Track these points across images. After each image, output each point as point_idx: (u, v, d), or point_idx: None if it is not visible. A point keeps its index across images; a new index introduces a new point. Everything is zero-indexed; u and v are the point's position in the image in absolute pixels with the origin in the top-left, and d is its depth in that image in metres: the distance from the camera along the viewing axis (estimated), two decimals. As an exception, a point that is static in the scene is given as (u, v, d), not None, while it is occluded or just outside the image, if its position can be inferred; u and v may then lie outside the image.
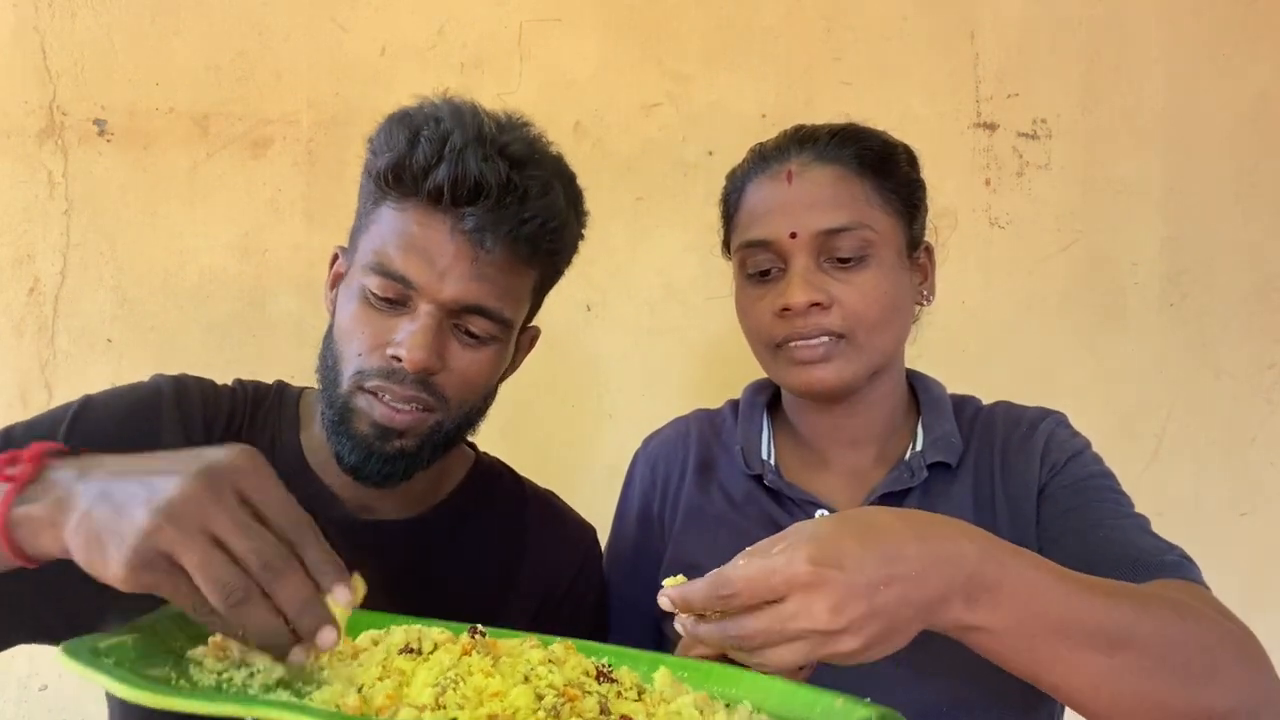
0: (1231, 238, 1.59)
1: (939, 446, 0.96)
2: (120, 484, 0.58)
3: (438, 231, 0.84)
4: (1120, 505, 0.90)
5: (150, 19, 1.49)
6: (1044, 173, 1.58)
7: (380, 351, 0.84)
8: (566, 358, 1.53)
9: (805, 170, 0.93)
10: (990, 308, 1.56)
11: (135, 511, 0.56)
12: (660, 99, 1.55)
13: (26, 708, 1.43)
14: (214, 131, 1.50)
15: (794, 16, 1.56)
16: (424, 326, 0.83)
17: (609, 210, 1.53)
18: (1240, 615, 0.74)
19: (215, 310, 1.49)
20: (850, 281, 0.91)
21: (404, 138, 0.84)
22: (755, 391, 1.07)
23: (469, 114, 0.86)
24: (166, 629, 0.68)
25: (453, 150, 0.82)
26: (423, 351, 0.82)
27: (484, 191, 0.83)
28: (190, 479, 0.57)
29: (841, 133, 0.95)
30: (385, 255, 0.84)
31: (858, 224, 0.91)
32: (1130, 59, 1.59)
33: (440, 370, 0.85)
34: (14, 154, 1.46)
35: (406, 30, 1.52)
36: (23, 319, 1.47)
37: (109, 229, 1.48)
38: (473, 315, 0.86)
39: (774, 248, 0.92)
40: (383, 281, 0.84)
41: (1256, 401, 1.59)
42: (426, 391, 0.85)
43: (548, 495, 1.08)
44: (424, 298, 0.84)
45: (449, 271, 0.83)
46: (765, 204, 0.94)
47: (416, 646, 0.63)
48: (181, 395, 0.90)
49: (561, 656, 0.66)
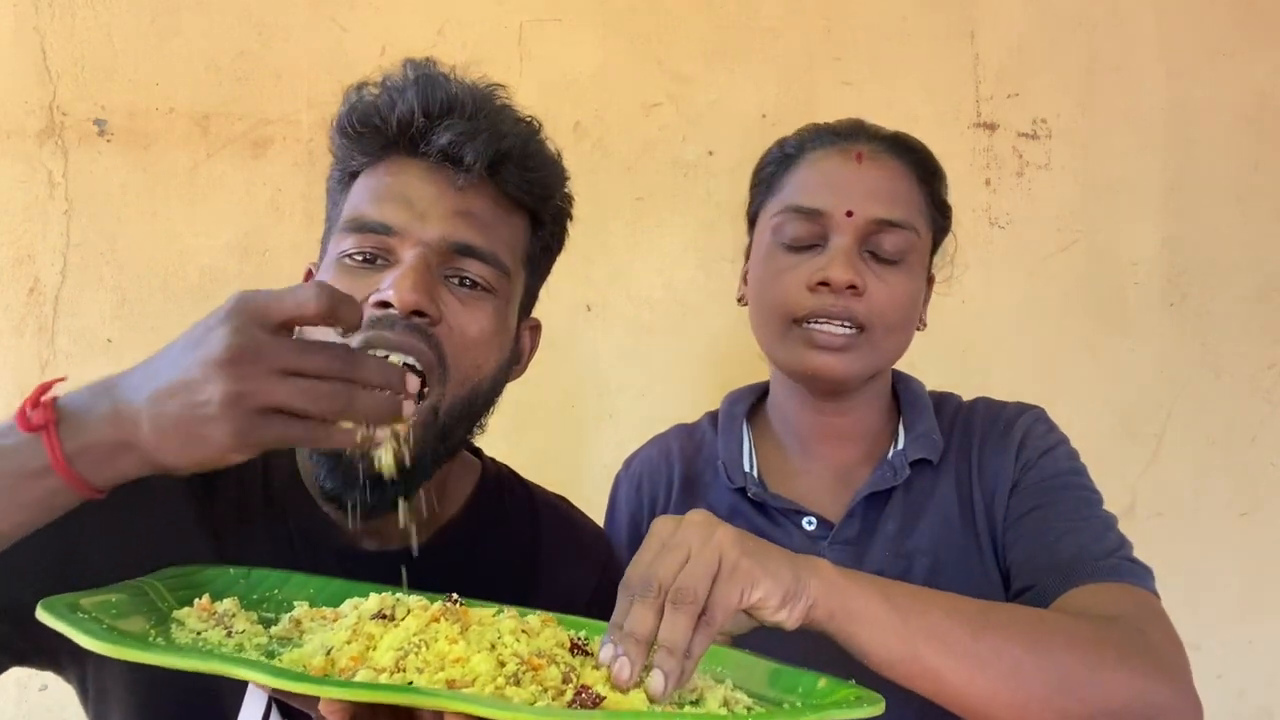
0: (1231, 238, 1.59)
1: (921, 444, 0.96)
2: (163, 374, 0.59)
3: (413, 174, 0.79)
4: (1083, 505, 0.90)
5: (150, 19, 1.49)
6: (1044, 173, 1.58)
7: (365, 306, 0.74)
8: (566, 358, 1.53)
9: (875, 156, 0.93)
10: (990, 308, 1.56)
11: (204, 386, 0.56)
12: (660, 99, 1.55)
13: (26, 708, 1.43)
14: (214, 131, 1.50)
15: (794, 16, 1.56)
16: (411, 265, 0.75)
17: (609, 210, 1.53)
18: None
19: (215, 310, 1.49)
20: (884, 278, 0.91)
21: (365, 94, 0.82)
22: (733, 403, 1.07)
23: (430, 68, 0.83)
24: (156, 590, 0.69)
25: (419, 78, 0.80)
26: (413, 290, 0.73)
27: (457, 105, 0.79)
28: (227, 336, 0.58)
29: (905, 138, 0.97)
30: (359, 211, 0.79)
31: (910, 224, 0.92)
32: (1130, 59, 1.59)
33: (438, 318, 0.76)
34: (14, 154, 1.46)
35: (406, 30, 1.52)
36: (23, 319, 1.47)
37: (109, 229, 1.48)
38: (463, 258, 0.78)
39: (824, 219, 0.91)
40: (359, 237, 0.77)
41: (1256, 401, 1.59)
42: (424, 341, 0.75)
43: (559, 503, 1.01)
44: (407, 242, 0.77)
45: (430, 209, 0.78)
46: (828, 175, 0.94)
47: (390, 613, 0.63)
48: None
49: (536, 628, 0.65)
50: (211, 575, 0.75)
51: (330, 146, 0.85)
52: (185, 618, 0.66)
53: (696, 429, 1.09)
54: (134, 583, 0.69)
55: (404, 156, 0.80)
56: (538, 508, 0.98)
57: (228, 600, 0.70)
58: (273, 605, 0.74)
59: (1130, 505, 1.57)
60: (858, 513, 0.95)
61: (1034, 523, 0.89)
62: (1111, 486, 0.94)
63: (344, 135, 0.82)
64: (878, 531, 0.94)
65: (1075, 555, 0.83)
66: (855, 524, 0.95)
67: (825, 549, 0.93)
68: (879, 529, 0.94)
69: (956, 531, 0.93)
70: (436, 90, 0.79)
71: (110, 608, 0.62)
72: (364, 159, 0.82)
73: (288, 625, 0.68)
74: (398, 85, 0.81)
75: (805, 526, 0.95)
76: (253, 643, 0.65)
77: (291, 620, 0.68)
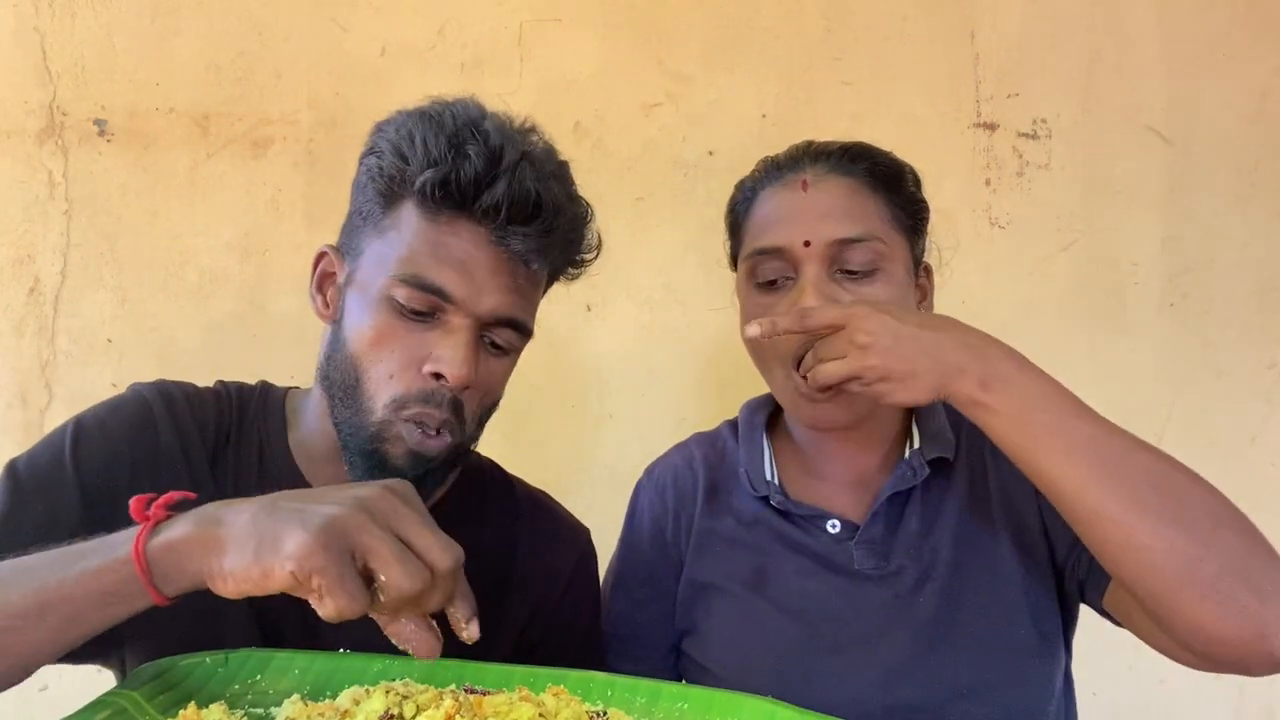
0: (1231, 238, 1.59)
1: (937, 442, 0.97)
2: (281, 503, 0.60)
3: (476, 245, 0.81)
4: None
5: (150, 19, 1.49)
6: (1044, 173, 1.58)
7: (415, 369, 0.81)
8: (566, 358, 1.53)
9: (820, 180, 0.93)
10: (990, 308, 1.56)
11: (317, 507, 0.58)
12: (660, 99, 1.55)
13: (27, 709, 1.43)
14: (214, 131, 1.50)
15: (794, 16, 1.56)
16: (466, 341, 0.81)
17: (609, 210, 1.52)
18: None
19: (215, 310, 1.49)
20: (859, 293, 0.90)
21: (444, 146, 0.80)
22: (752, 411, 1.07)
23: (508, 125, 0.84)
24: (136, 704, 0.66)
25: (509, 167, 0.80)
26: (467, 367, 0.80)
27: (539, 213, 0.81)
28: (355, 503, 0.59)
29: (853, 149, 0.96)
30: (418, 265, 0.80)
31: (871, 236, 0.91)
32: (1130, 59, 1.59)
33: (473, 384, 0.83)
34: (14, 154, 1.46)
35: (406, 30, 1.52)
36: (23, 319, 1.47)
37: (109, 229, 1.48)
38: (502, 328, 0.84)
39: (786, 255, 0.92)
40: (414, 293, 0.80)
41: (1256, 401, 1.59)
42: (455, 414, 0.82)
43: (539, 495, 1.06)
44: (460, 311, 0.81)
45: (486, 285, 0.81)
46: (778, 211, 0.94)
47: (397, 712, 0.61)
48: (169, 402, 0.87)
49: (554, 708, 0.64)
50: (187, 668, 0.72)
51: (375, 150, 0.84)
52: None
53: (717, 437, 1.09)
54: (111, 698, 0.66)
55: (468, 220, 0.81)
56: (518, 498, 1.02)
57: (215, 707, 0.66)
58: (258, 696, 0.71)
59: (1130, 505, 1.57)
60: (881, 513, 0.96)
61: None
62: (1111, 486, 0.94)
63: (420, 195, 0.80)
64: (901, 530, 0.95)
65: None
66: (879, 524, 0.96)
67: (852, 549, 0.95)
68: (902, 527, 0.95)
69: (974, 526, 0.94)
70: (525, 189, 0.80)
71: None
72: (428, 206, 0.81)
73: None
74: (486, 163, 0.80)
75: (830, 529, 0.97)
76: None
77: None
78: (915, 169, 1.00)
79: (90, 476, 0.81)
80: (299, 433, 0.91)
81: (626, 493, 1.10)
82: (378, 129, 0.87)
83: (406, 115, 0.85)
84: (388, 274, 0.81)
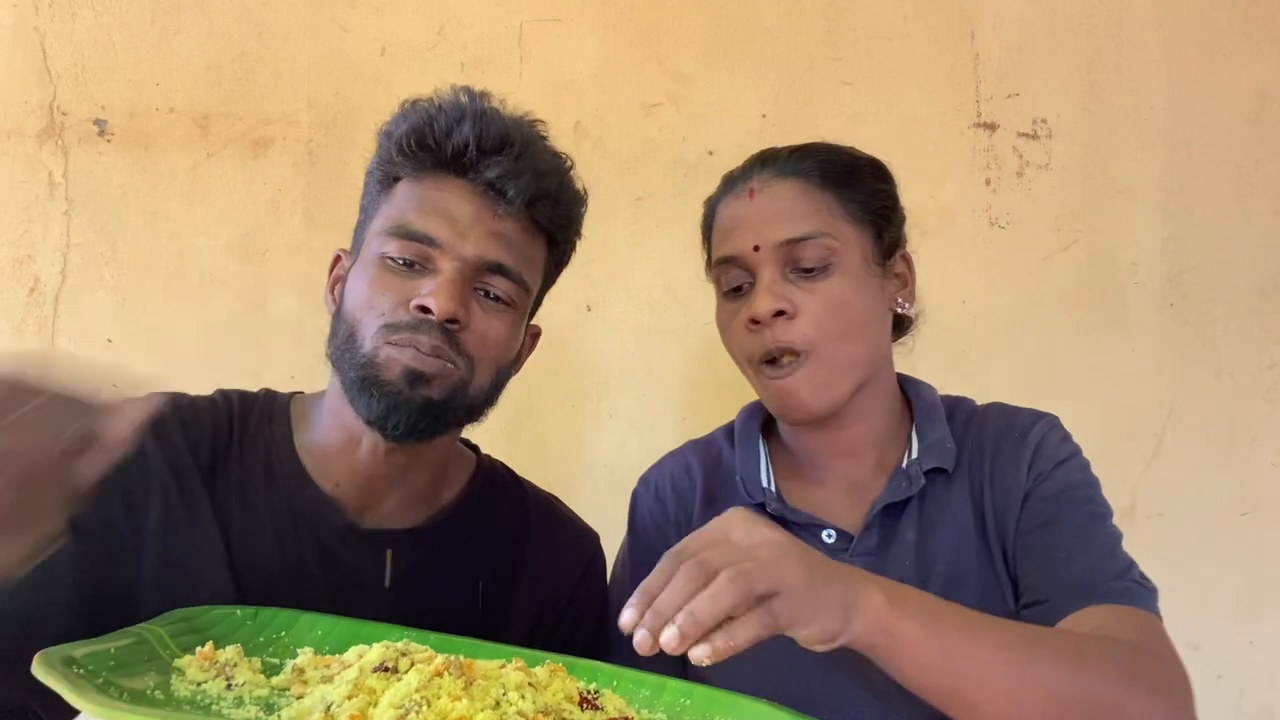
0: (1231, 238, 1.59)
1: (934, 453, 0.96)
2: None
3: (457, 193, 0.87)
4: (1093, 521, 0.91)
5: (150, 19, 1.49)
6: (1044, 173, 1.58)
7: (405, 307, 0.85)
8: (566, 358, 1.53)
9: (766, 186, 0.96)
10: (990, 308, 1.56)
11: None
12: (660, 99, 1.55)
13: (26, 708, 1.43)
14: (214, 131, 1.50)
15: (794, 16, 1.56)
16: (450, 278, 0.85)
17: (609, 210, 1.53)
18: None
19: (215, 310, 1.49)
20: (813, 290, 0.92)
21: (422, 110, 0.89)
22: (748, 417, 1.07)
23: (486, 98, 0.91)
24: (159, 637, 0.68)
25: (475, 111, 0.88)
26: (451, 300, 0.84)
27: (507, 143, 0.87)
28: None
29: (803, 150, 0.98)
30: (404, 219, 0.87)
31: (819, 233, 0.92)
32: (1130, 59, 1.59)
33: (465, 325, 0.86)
34: (14, 154, 1.46)
35: (406, 30, 1.52)
36: (23, 319, 1.47)
37: (109, 229, 1.48)
38: (494, 275, 0.88)
39: (740, 262, 0.95)
40: (403, 244, 0.86)
41: (1256, 401, 1.59)
42: (452, 345, 0.85)
43: (549, 499, 1.07)
44: (447, 255, 0.86)
45: (470, 229, 0.86)
46: (730, 221, 0.97)
47: (393, 665, 0.62)
48: (157, 423, 0.87)
49: (544, 680, 0.65)
50: (217, 616, 0.75)
51: (378, 148, 0.92)
52: (186, 667, 0.65)
53: (713, 444, 1.09)
54: (136, 629, 0.68)
55: (450, 176, 0.88)
56: (528, 501, 1.04)
57: (230, 648, 0.68)
58: (279, 649, 0.73)
59: (1130, 505, 1.57)
60: (875, 524, 0.95)
61: (1045, 537, 0.89)
62: (1111, 486, 0.94)
63: (398, 149, 0.89)
64: (896, 542, 0.94)
65: (1087, 574, 0.84)
66: (874, 535, 0.95)
67: (846, 560, 0.93)
68: (897, 539, 0.94)
69: (971, 541, 0.93)
70: (491, 126, 0.87)
71: (109, 659, 0.62)
72: (412, 170, 0.89)
73: (290, 674, 0.67)
74: (455, 112, 0.88)
75: (825, 539, 0.96)
76: (252, 695, 0.64)
77: (294, 669, 0.67)
78: (883, 162, 1.00)
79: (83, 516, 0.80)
80: (307, 435, 0.93)
81: (626, 492, 1.10)
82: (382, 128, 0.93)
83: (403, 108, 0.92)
84: (379, 234, 0.88)
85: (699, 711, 0.71)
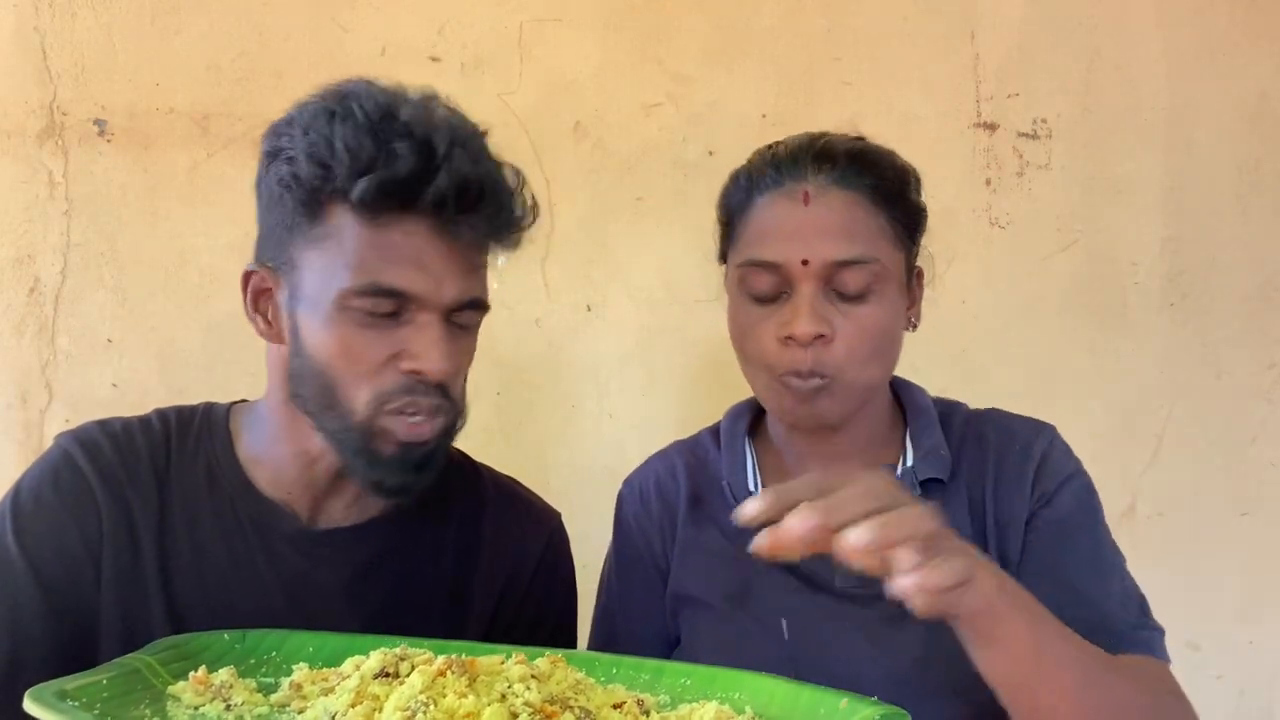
0: (1231, 238, 1.59)
1: (930, 462, 0.94)
2: None
3: (425, 238, 0.79)
4: (1101, 554, 0.90)
5: (150, 19, 1.49)
6: (1044, 173, 1.58)
7: (393, 368, 0.81)
8: (566, 358, 1.53)
9: (823, 193, 0.89)
10: (990, 308, 1.56)
11: None
12: (660, 99, 1.55)
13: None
14: (214, 131, 1.49)
15: (794, 16, 1.56)
16: (439, 335, 0.80)
17: (609, 210, 1.53)
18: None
19: (215, 310, 1.49)
20: (851, 315, 0.88)
21: (369, 147, 0.76)
22: (734, 419, 1.04)
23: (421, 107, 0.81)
24: (149, 666, 0.68)
25: (444, 159, 0.77)
26: (447, 360, 0.80)
27: (485, 197, 0.80)
28: None
29: (861, 158, 0.92)
30: (370, 271, 0.78)
31: (871, 258, 0.88)
32: (1130, 59, 1.59)
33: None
34: (14, 154, 1.46)
35: (406, 30, 1.52)
36: (23, 319, 1.47)
37: (109, 229, 1.48)
38: (466, 310, 0.84)
39: (783, 271, 0.88)
40: (374, 301, 0.78)
41: (1256, 401, 1.59)
42: (443, 396, 0.83)
43: (508, 481, 1.05)
44: (425, 307, 0.80)
45: (444, 276, 0.80)
46: (779, 223, 0.90)
47: (393, 670, 0.62)
48: (93, 452, 0.87)
49: (546, 671, 0.65)
50: (205, 642, 0.74)
51: (291, 161, 0.80)
52: (181, 693, 0.65)
53: (699, 446, 1.06)
54: (125, 660, 0.68)
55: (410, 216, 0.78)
56: (483, 484, 1.02)
57: (224, 670, 0.68)
58: (271, 668, 0.73)
59: (1130, 505, 1.57)
60: None
61: (1056, 567, 0.88)
62: (1111, 486, 0.95)
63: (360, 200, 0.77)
64: None
65: (1106, 621, 0.85)
66: None
67: (832, 566, 0.92)
68: None
69: None
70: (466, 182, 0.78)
71: (101, 690, 0.61)
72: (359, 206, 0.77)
73: (287, 691, 0.67)
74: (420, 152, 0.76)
75: None
76: (253, 714, 0.63)
77: (291, 685, 0.67)
78: (916, 170, 0.97)
79: (41, 561, 0.83)
80: (247, 445, 0.92)
81: (626, 493, 1.10)
82: (276, 131, 0.83)
83: (311, 114, 0.81)
84: (340, 285, 0.78)
85: (700, 690, 0.72)
